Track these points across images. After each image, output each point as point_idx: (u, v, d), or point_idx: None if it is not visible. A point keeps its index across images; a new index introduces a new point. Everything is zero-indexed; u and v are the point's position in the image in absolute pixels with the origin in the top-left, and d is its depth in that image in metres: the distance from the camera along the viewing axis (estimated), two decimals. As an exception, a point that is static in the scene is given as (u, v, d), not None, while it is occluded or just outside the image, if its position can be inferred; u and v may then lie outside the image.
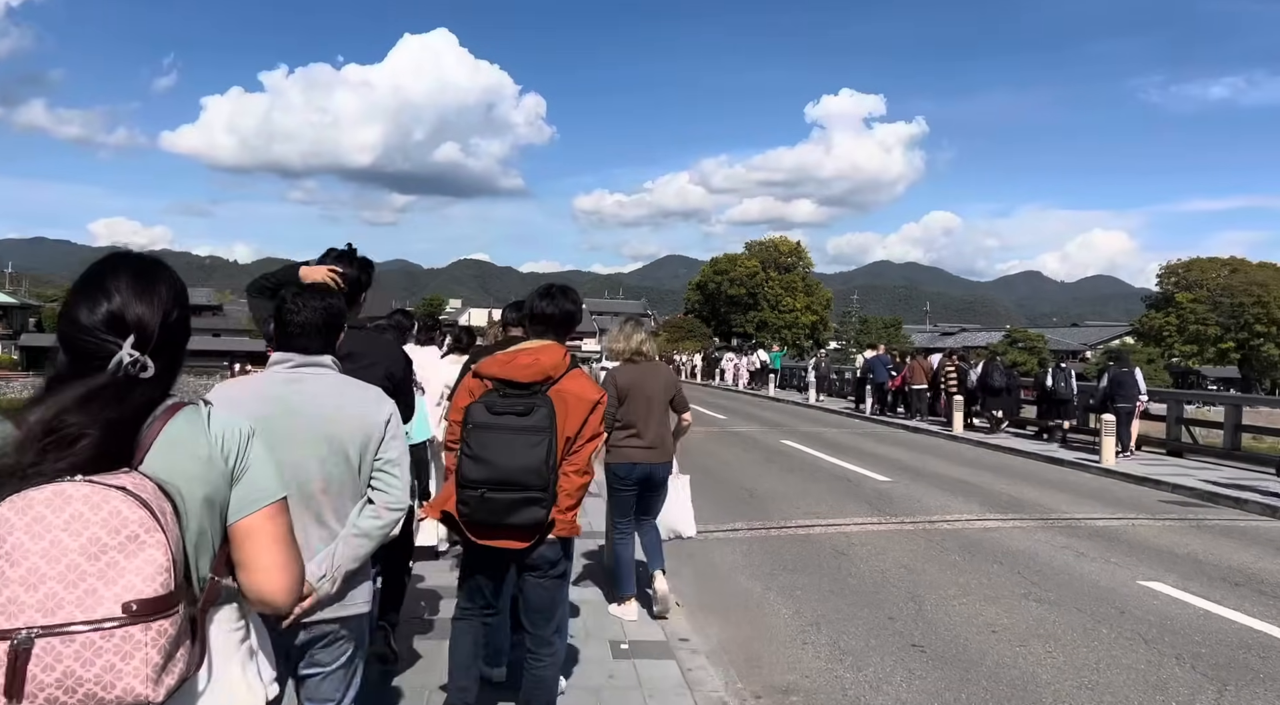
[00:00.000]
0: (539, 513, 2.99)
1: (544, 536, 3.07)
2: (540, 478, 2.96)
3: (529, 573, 3.16)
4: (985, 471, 12.52)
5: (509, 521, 2.99)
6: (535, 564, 3.13)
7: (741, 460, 13.16)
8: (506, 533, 3.02)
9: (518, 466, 2.95)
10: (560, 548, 3.18)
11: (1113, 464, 12.60)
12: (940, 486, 10.91)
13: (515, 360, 3.14)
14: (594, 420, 3.15)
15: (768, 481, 11.05)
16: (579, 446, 3.13)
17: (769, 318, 79.23)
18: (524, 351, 3.21)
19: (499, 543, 3.05)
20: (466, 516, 3.03)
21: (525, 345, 3.30)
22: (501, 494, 2.95)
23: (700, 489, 10.88)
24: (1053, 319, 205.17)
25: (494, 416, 3.01)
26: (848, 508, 9.29)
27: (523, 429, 2.99)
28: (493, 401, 3.05)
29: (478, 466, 2.97)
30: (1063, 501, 10.00)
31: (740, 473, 11.81)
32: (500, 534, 3.03)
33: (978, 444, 16.10)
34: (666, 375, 5.33)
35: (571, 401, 3.10)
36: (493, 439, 2.98)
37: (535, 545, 3.07)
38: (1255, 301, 76.26)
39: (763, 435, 17.00)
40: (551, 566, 3.17)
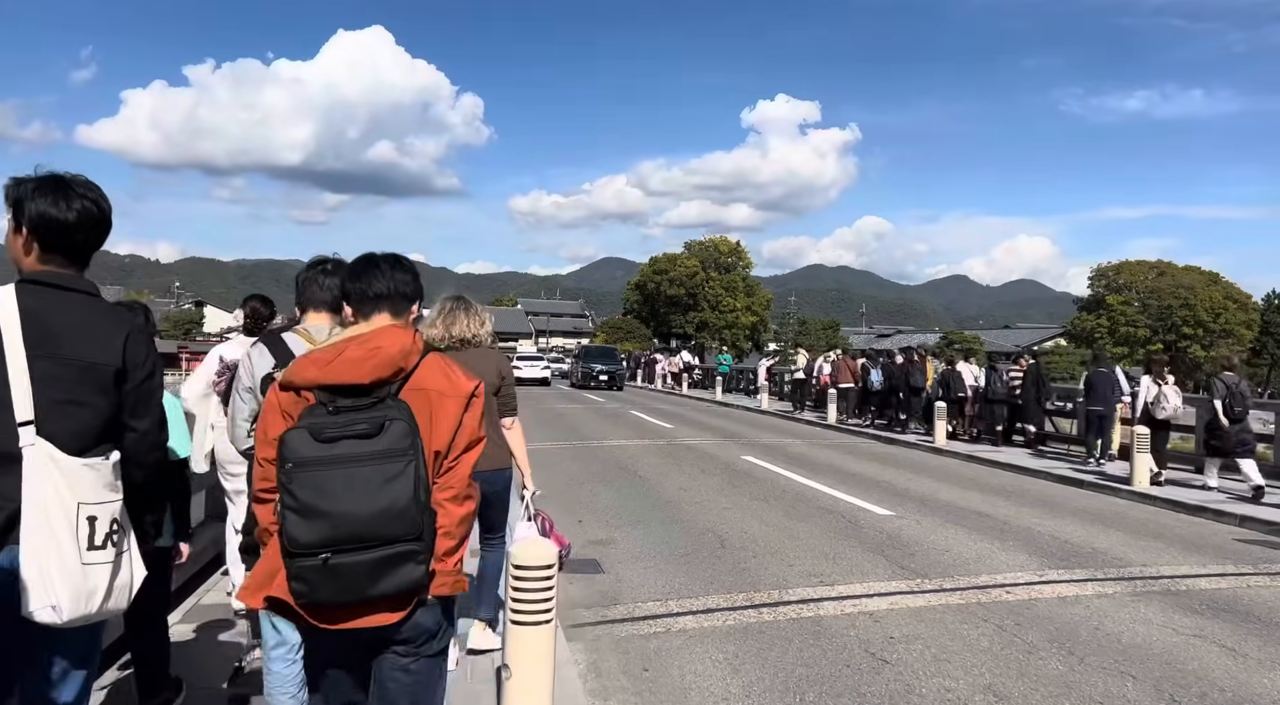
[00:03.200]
0: (415, 572, 2.00)
1: (421, 600, 2.07)
2: (410, 522, 1.98)
3: (394, 652, 2.12)
4: (998, 498, 10.24)
5: (373, 592, 1.98)
6: (407, 638, 2.11)
7: (701, 486, 10.61)
8: (369, 608, 2.01)
9: (374, 512, 1.95)
10: (440, 611, 2.16)
11: (1147, 487, 10.45)
12: (959, 522, 8.54)
13: (342, 354, 2.07)
14: (470, 421, 2.16)
15: (741, 520, 8.52)
16: (454, 461, 2.13)
17: (709, 318, 77.74)
18: (352, 340, 2.12)
19: (357, 623, 2.03)
20: (307, 598, 1.97)
21: (352, 331, 2.18)
22: (356, 556, 1.95)
23: (654, 533, 7.86)
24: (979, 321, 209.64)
25: (325, 445, 1.97)
26: (858, 562, 6.81)
27: (373, 456, 1.97)
28: (320, 423, 1.99)
29: (311, 523, 1.94)
30: (1125, 545, 7.72)
31: (702, 506, 9.26)
32: (361, 611, 2.02)
33: (967, 458, 13.92)
34: (487, 365, 4.19)
35: (436, 400, 2.12)
36: (328, 478, 1.95)
37: (410, 615, 2.06)
38: (1182, 304, 77.64)
39: (719, 449, 14.52)
40: (429, 640, 2.14)
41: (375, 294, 2.22)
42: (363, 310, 2.24)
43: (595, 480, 10.92)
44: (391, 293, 2.23)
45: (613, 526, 8.15)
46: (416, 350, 2.15)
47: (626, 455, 13.45)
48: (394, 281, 2.24)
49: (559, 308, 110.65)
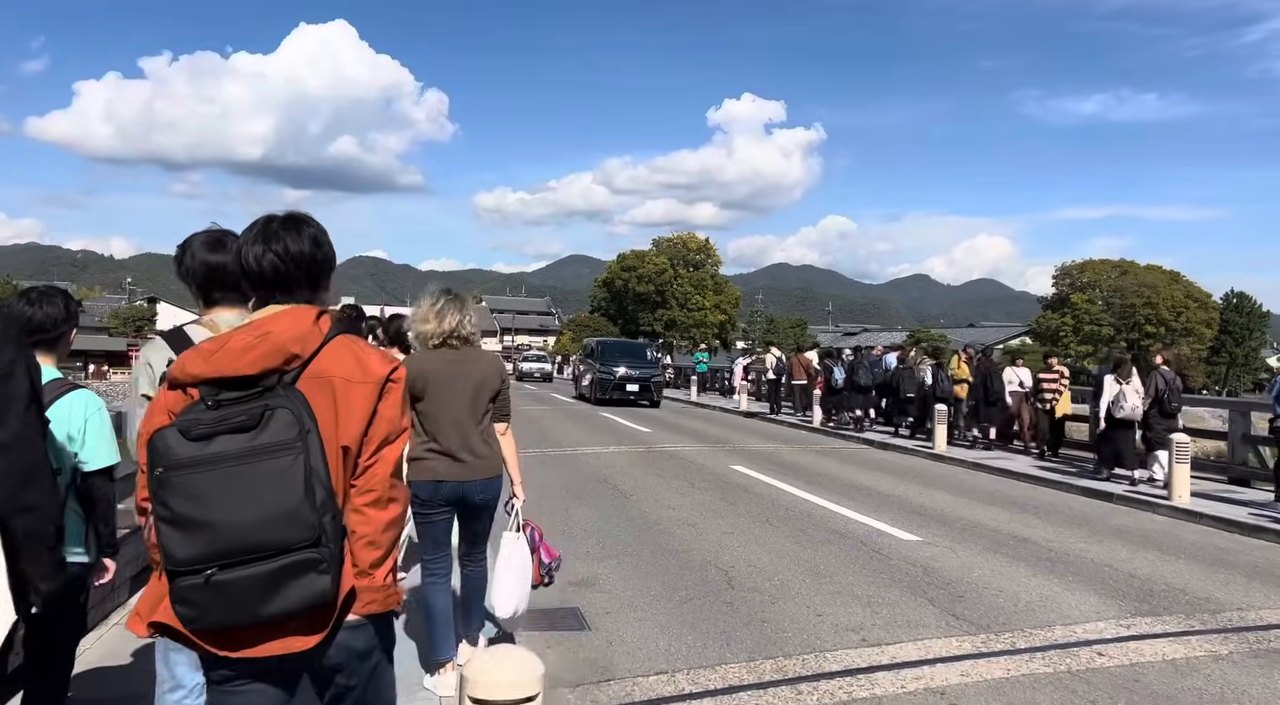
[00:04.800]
0: (318, 583, 1.69)
1: (340, 619, 1.77)
2: (303, 524, 1.68)
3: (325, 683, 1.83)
4: (1027, 515, 9.08)
5: (269, 611, 1.67)
6: (335, 665, 1.82)
7: (691, 504, 9.31)
8: (272, 631, 1.71)
9: (259, 517, 1.66)
10: (372, 631, 1.86)
11: (1187, 501, 9.37)
12: (997, 549, 7.34)
13: (229, 343, 1.79)
14: (388, 410, 1.85)
15: (745, 548, 7.23)
16: (371, 459, 1.83)
17: (678, 316, 76.71)
18: (240, 328, 1.84)
19: (265, 650, 1.72)
20: (195, 621, 1.69)
21: (251, 317, 1.89)
22: (243, 570, 1.65)
23: (645, 568, 6.41)
24: (940, 320, 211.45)
25: (198, 444, 1.68)
26: (901, 609, 5.55)
27: (253, 452, 1.68)
28: (193, 420, 1.70)
29: (189, 535, 1.66)
30: (1202, 579, 6.56)
31: (697, 529, 7.96)
32: (263, 635, 1.71)
33: (973, 466, 12.80)
34: (487, 366, 3.84)
35: (341, 388, 1.81)
36: (204, 482, 1.66)
37: (329, 637, 1.76)
38: (1145, 302, 78.32)
39: (704, 457, 13.24)
40: (360, 662, 1.85)
41: (270, 277, 1.90)
42: (259, 294, 1.94)
43: (570, 496, 9.57)
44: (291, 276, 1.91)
45: (595, 558, 6.82)
46: (318, 333, 1.84)
47: (603, 465, 12.12)
48: (292, 261, 1.90)
49: (525, 305, 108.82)
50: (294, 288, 1.90)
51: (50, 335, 2.81)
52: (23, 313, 2.74)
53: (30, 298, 2.82)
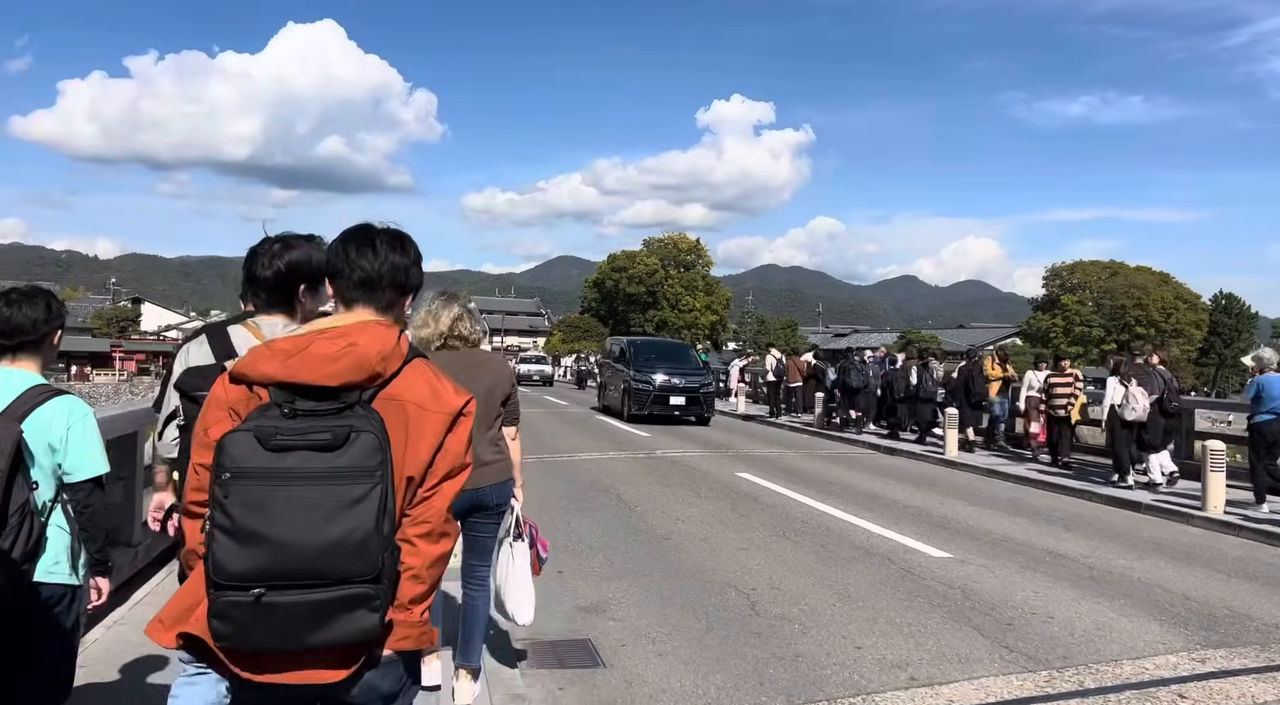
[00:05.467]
0: (367, 620, 1.60)
1: (375, 656, 1.66)
2: (369, 558, 1.58)
3: None
4: (1056, 528, 8.58)
5: (310, 642, 1.59)
6: (358, 703, 1.70)
7: (701, 516, 8.77)
8: (305, 661, 1.62)
9: (326, 543, 1.56)
10: (402, 669, 1.75)
11: (1223, 513, 8.90)
12: (1035, 567, 6.82)
13: (310, 348, 1.69)
14: (455, 444, 1.75)
15: (766, 567, 6.69)
16: (430, 490, 1.73)
17: (669, 317, 76.21)
18: (323, 334, 1.74)
19: (288, 678, 1.63)
20: (230, 640, 1.59)
21: (324, 322, 1.82)
22: (297, 594, 1.56)
23: (659, 591, 5.69)
24: (928, 321, 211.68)
25: (274, 455, 1.59)
26: (947, 639, 5.02)
27: (331, 474, 1.58)
28: (271, 427, 1.61)
29: (247, 549, 1.56)
30: (1268, 602, 6.06)
31: (710, 545, 7.42)
32: (295, 663, 1.62)
33: (987, 473, 12.32)
34: (497, 369, 3.84)
35: (415, 415, 1.72)
36: (273, 496, 1.57)
37: (359, 673, 1.65)
38: (1135, 303, 78.33)
39: (708, 463, 12.70)
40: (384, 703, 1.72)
41: (360, 280, 1.82)
42: (343, 297, 1.84)
43: (571, 507, 9.02)
44: (381, 281, 1.82)
45: (603, 579, 6.27)
46: (400, 354, 1.75)
47: (604, 473, 11.56)
48: (387, 266, 1.83)
49: (514, 306, 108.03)
50: (391, 303, 1.84)
51: (31, 337, 2.62)
52: (2, 314, 2.59)
53: (10, 298, 2.64)
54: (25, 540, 2.43)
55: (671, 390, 18.87)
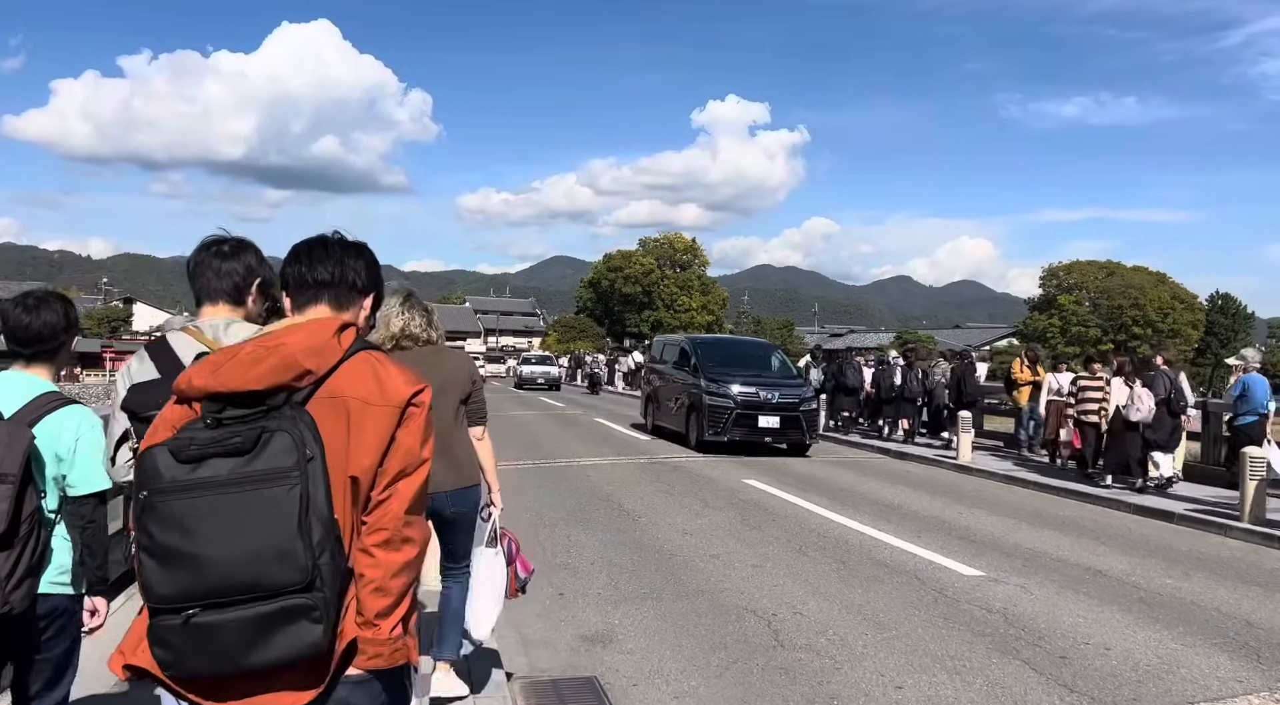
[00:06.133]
0: (309, 633, 1.50)
1: (337, 674, 1.57)
2: (294, 566, 1.49)
3: None
4: (1090, 541, 8.05)
5: (254, 661, 1.50)
6: None
7: (708, 528, 8.22)
8: (260, 682, 1.53)
9: (244, 554, 1.48)
10: (379, 688, 1.63)
11: (1260, 524, 8.38)
12: (1077, 586, 6.28)
13: (238, 354, 1.62)
14: (407, 438, 1.63)
15: (784, 587, 6.15)
16: (384, 493, 1.61)
17: (665, 317, 75.69)
18: (256, 338, 1.69)
19: (254, 703, 1.54)
20: (173, 667, 1.52)
21: (268, 328, 1.78)
22: (226, 612, 1.48)
23: (671, 618, 4.98)
24: (923, 321, 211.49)
25: (187, 467, 1.51)
26: (995, 676, 4.46)
27: (246, 479, 1.50)
28: (187, 438, 1.54)
29: (170, 570, 1.49)
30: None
31: (723, 562, 6.87)
32: (251, 687, 1.54)
33: (1004, 479, 11.80)
34: (455, 365, 3.62)
35: (356, 411, 1.61)
36: (191, 509, 1.49)
37: (324, 694, 1.57)
38: (1132, 303, 78.07)
39: (711, 469, 12.14)
40: None
41: (316, 280, 1.79)
42: (299, 300, 1.80)
43: (570, 519, 8.46)
44: (337, 280, 1.79)
45: (608, 603, 5.72)
46: (336, 348, 1.65)
47: (603, 479, 11.00)
48: (343, 267, 1.80)
49: (509, 306, 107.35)
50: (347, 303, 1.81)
51: (49, 346, 2.56)
52: (19, 321, 2.50)
53: (27, 304, 2.54)
54: (33, 551, 2.35)
55: (759, 407, 13.58)
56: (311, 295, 1.78)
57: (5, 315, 2.53)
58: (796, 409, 13.92)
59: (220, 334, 2.27)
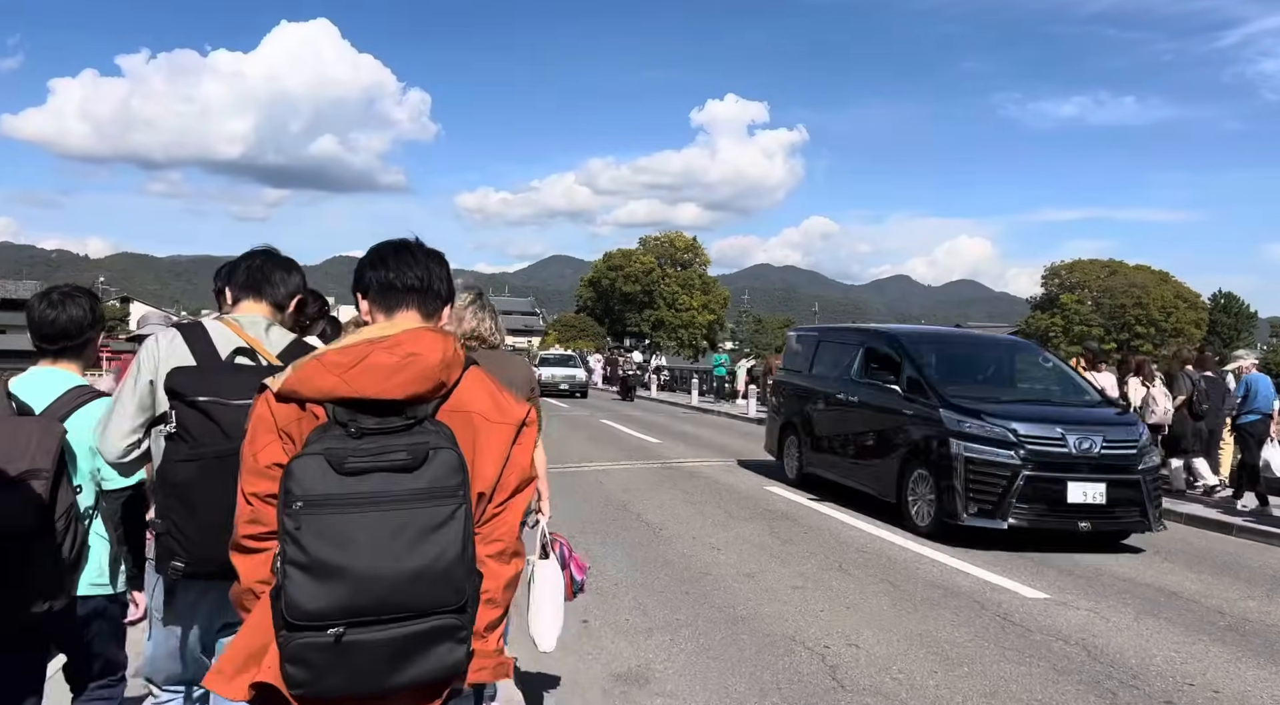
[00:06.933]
0: (454, 653, 1.50)
1: (455, 689, 1.57)
2: (454, 587, 1.49)
3: None
4: (1152, 555, 7.45)
5: (395, 682, 1.48)
6: None
7: (737, 541, 7.60)
8: (389, 702, 1.50)
9: (409, 572, 1.45)
10: (473, 703, 1.77)
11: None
12: (1155, 611, 5.67)
13: (368, 359, 1.55)
14: (521, 455, 1.66)
15: (832, 613, 5.54)
16: (500, 507, 1.63)
17: (665, 317, 75.24)
18: (376, 343, 1.59)
19: None
20: (307, 686, 1.45)
21: (372, 330, 1.68)
22: (379, 631, 1.45)
23: (713, 650, 4.22)
24: (921, 320, 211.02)
25: (350, 480, 1.46)
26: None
27: (413, 496, 1.47)
28: (342, 449, 1.48)
29: (325, 585, 1.43)
30: None
31: (759, 583, 6.25)
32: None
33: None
34: (519, 372, 3.42)
35: (481, 427, 1.62)
36: (351, 524, 1.44)
37: None
38: (1135, 303, 77.65)
39: (730, 475, 11.54)
40: None
41: (406, 285, 1.75)
42: (385, 304, 1.76)
43: (589, 530, 7.85)
44: (425, 287, 1.77)
45: (639, 633, 5.11)
46: (460, 362, 1.65)
47: (618, 486, 10.40)
48: (430, 274, 1.78)
49: (508, 305, 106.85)
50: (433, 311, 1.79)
51: (76, 342, 2.55)
52: (45, 316, 2.50)
53: (52, 299, 2.54)
54: (70, 547, 2.30)
55: (1070, 466, 7.49)
56: (400, 301, 1.74)
57: (31, 311, 2.51)
58: (1133, 467, 7.55)
59: (260, 332, 2.29)
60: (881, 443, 8.72)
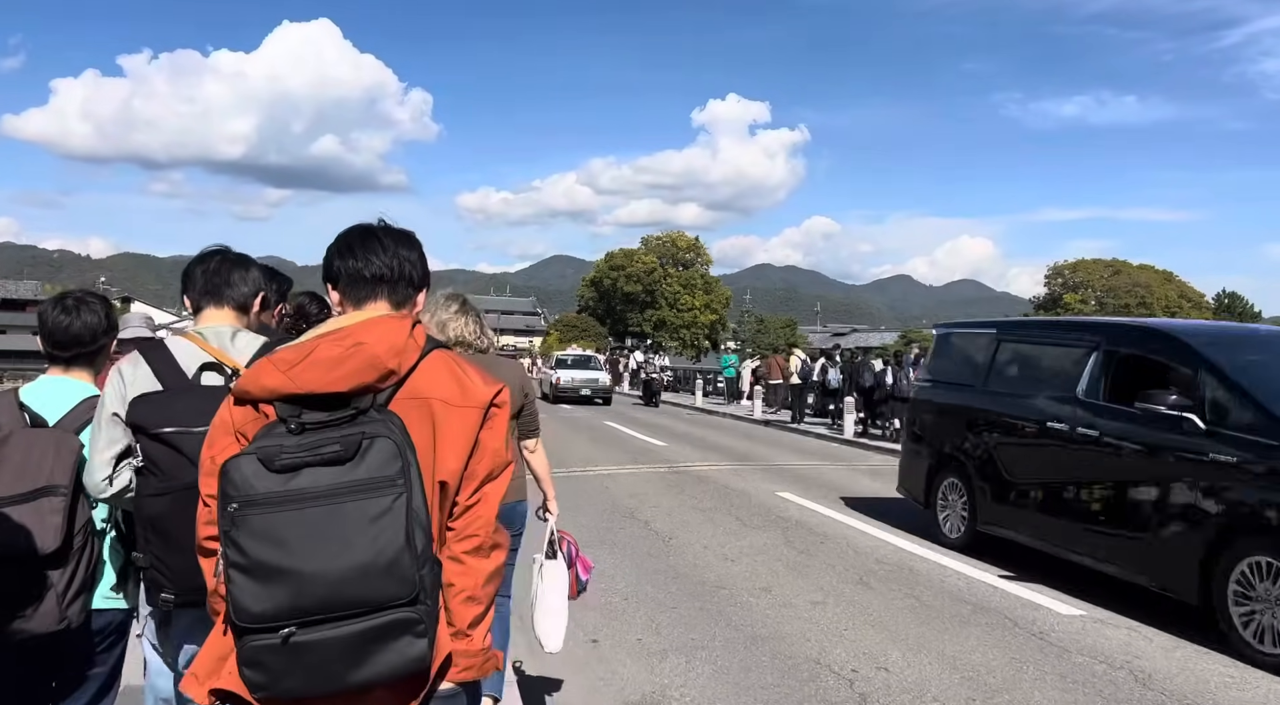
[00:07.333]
0: (414, 647, 1.45)
1: (433, 688, 1.53)
2: (401, 578, 1.43)
3: None
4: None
5: (355, 679, 1.43)
6: None
7: (751, 551, 7.28)
8: (352, 701, 1.47)
9: (352, 567, 1.41)
10: (465, 701, 1.65)
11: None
12: (1198, 630, 5.36)
13: (313, 353, 1.53)
14: (491, 440, 1.60)
15: (855, 630, 5.22)
16: (473, 497, 1.58)
17: (667, 316, 74.97)
18: (326, 337, 1.57)
19: None
20: (266, 689, 1.43)
21: (327, 324, 1.65)
22: (330, 629, 1.41)
23: (731, 674, 4.74)
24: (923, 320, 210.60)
25: (281, 477, 1.43)
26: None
27: (348, 489, 1.43)
28: (275, 446, 1.45)
29: (267, 586, 1.40)
30: None
31: (776, 597, 5.93)
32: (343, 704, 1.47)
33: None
34: (510, 376, 3.40)
35: (441, 413, 1.57)
36: (287, 523, 1.41)
37: None
38: (1139, 302, 77.30)
39: (739, 479, 11.21)
40: None
41: (373, 275, 1.68)
42: (354, 295, 1.69)
43: (594, 540, 7.52)
44: (394, 274, 1.69)
45: (652, 655, 4.79)
46: (414, 347, 1.58)
47: (623, 492, 10.08)
48: (398, 259, 1.70)
49: (510, 305, 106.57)
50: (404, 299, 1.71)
51: (89, 348, 2.45)
52: (58, 322, 2.42)
53: (66, 305, 2.44)
54: (88, 563, 2.27)
55: None
56: (369, 292, 1.68)
57: (44, 317, 2.45)
58: None
59: (225, 343, 2.23)
60: (1160, 506, 5.58)
